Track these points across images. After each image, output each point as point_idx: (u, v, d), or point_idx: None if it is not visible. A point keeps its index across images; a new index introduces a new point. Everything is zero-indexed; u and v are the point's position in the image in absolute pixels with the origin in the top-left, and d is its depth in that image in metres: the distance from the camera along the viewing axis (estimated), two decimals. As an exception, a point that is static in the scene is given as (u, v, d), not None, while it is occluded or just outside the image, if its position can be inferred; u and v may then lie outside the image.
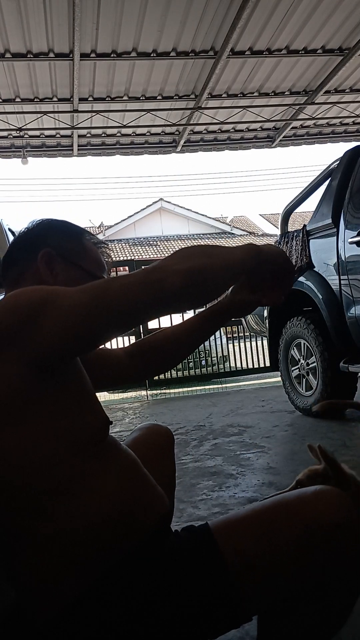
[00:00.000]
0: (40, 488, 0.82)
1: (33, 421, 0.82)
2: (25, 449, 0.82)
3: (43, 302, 0.81)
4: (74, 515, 0.83)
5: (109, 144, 8.29)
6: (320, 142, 9.30)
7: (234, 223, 25.29)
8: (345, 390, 3.59)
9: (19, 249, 1.04)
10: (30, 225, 1.08)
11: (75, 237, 1.07)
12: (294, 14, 5.71)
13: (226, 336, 7.39)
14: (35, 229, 1.07)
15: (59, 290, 0.84)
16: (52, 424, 0.84)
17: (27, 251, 1.02)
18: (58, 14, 5.26)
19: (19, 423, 0.82)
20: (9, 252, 1.05)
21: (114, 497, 0.86)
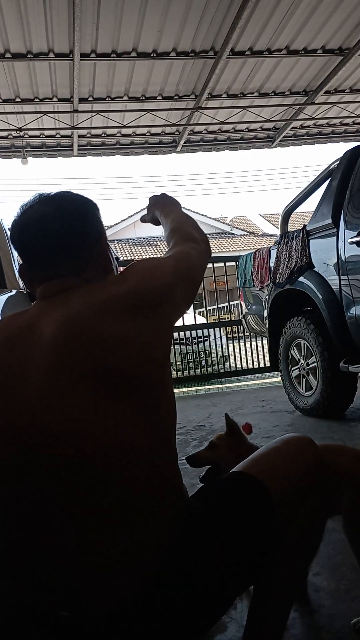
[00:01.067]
0: (164, 458, 0.94)
1: (165, 393, 0.95)
2: (163, 422, 0.95)
3: (173, 263, 1.04)
4: (171, 485, 0.95)
5: (109, 144, 8.30)
6: (320, 142, 9.30)
7: (234, 223, 25.29)
8: (345, 391, 3.59)
9: (75, 235, 1.01)
10: (62, 202, 1.03)
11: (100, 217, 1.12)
12: (294, 14, 5.71)
13: (226, 336, 7.39)
14: (78, 210, 1.04)
15: (174, 259, 1.06)
16: (171, 401, 0.98)
17: (84, 237, 1.03)
18: (58, 14, 5.26)
19: (161, 393, 0.95)
20: (56, 239, 0.99)
21: (180, 474, 1.01)
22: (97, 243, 1.06)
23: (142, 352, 0.90)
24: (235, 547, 0.95)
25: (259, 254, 4.42)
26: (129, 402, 0.88)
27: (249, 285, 4.62)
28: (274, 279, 4.01)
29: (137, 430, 0.88)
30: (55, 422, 0.86)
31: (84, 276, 1.01)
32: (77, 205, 1.04)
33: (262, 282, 4.29)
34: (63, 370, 0.87)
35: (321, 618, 1.36)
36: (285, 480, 1.05)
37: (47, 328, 0.91)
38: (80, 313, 0.91)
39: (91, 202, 1.07)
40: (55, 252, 0.99)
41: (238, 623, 1.40)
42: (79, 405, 0.86)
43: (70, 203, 1.04)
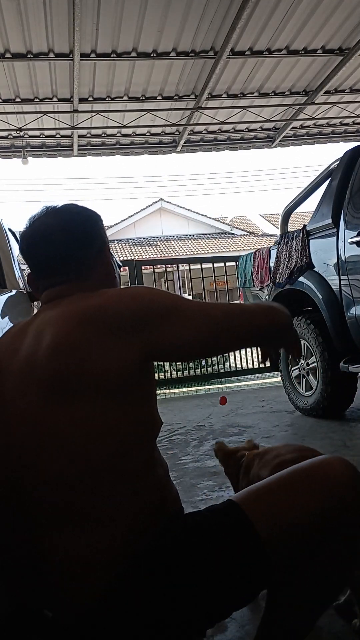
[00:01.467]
0: (129, 465, 0.92)
1: (132, 404, 0.93)
2: (123, 429, 0.91)
3: (176, 305, 0.97)
4: (142, 492, 0.93)
5: (109, 144, 8.30)
6: (320, 142, 9.30)
7: (234, 223, 25.27)
8: (345, 391, 3.60)
9: (78, 247, 1.07)
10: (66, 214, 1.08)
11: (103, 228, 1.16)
12: (294, 14, 5.71)
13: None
14: (83, 223, 1.10)
15: (187, 300, 1.00)
16: (142, 411, 0.95)
17: (86, 247, 1.08)
18: (58, 14, 5.26)
19: (123, 403, 0.91)
20: (69, 249, 1.05)
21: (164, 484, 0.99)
22: (101, 253, 1.11)
23: (91, 362, 0.90)
24: (204, 576, 0.91)
25: (259, 254, 4.42)
26: (82, 405, 0.89)
27: (249, 285, 4.62)
28: (274, 279, 4.01)
29: (93, 436, 0.89)
30: (15, 417, 0.93)
31: (87, 284, 1.05)
32: (81, 217, 1.10)
33: (262, 282, 4.30)
34: (24, 372, 0.94)
35: (321, 618, 1.36)
36: (295, 528, 0.94)
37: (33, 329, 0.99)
38: (55, 317, 0.96)
39: (94, 214, 1.13)
40: (60, 262, 1.05)
41: (238, 623, 1.40)
42: (31, 408, 0.91)
43: (74, 215, 1.09)
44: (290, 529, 0.94)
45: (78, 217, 1.09)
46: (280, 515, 0.94)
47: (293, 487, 0.98)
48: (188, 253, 19.69)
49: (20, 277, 2.43)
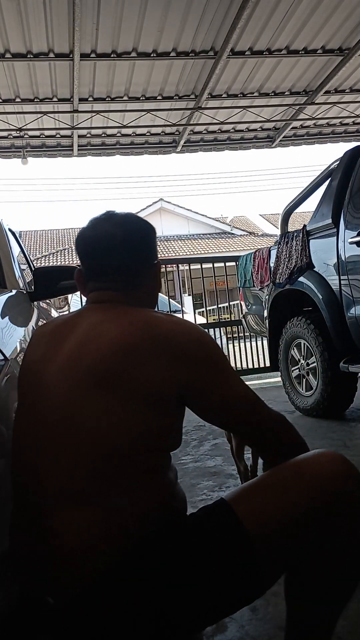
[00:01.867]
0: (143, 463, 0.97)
1: (160, 416, 0.99)
2: (147, 432, 0.97)
3: (222, 358, 1.04)
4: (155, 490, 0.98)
5: (109, 144, 8.30)
6: (320, 142, 9.30)
7: (234, 223, 25.28)
8: (345, 391, 3.59)
9: (137, 259, 1.14)
10: (130, 226, 1.14)
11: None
12: (294, 14, 5.71)
13: (226, 336, 7.39)
14: (143, 236, 1.17)
15: (228, 363, 1.06)
16: (167, 425, 1.01)
17: (145, 262, 1.17)
18: (58, 14, 5.26)
19: (152, 412, 0.98)
20: (127, 260, 1.12)
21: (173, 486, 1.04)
22: (153, 267, 1.19)
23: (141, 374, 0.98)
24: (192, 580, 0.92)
25: (259, 254, 4.42)
26: (116, 402, 0.96)
27: (249, 285, 4.62)
28: (274, 279, 4.01)
29: (120, 430, 0.95)
30: (51, 399, 0.99)
31: (135, 294, 1.14)
32: (142, 232, 1.17)
33: (262, 282, 4.29)
34: (73, 360, 1.01)
35: (321, 618, 1.36)
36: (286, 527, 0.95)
37: (85, 324, 1.06)
38: (117, 323, 1.02)
39: (153, 229, 1.20)
40: (116, 270, 1.12)
41: (238, 623, 1.40)
42: (69, 393, 0.98)
43: (136, 228, 1.16)
44: (281, 526, 0.94)
45: (140, 232, 1.16)
46: (269, 513, 0.95)
47: (283, 483, 0.98)
48: (188, 253, 19.71)
49: (20, 277, 2.43)
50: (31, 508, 0.97)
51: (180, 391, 1.00)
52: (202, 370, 1.01)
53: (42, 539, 0.94)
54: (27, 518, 0.98)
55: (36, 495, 0.96)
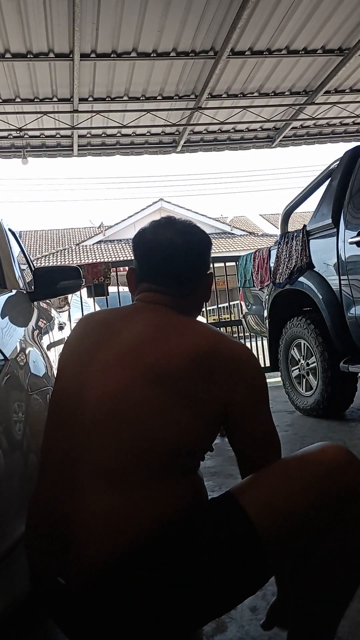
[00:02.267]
0: (184, 463, 1.01)
1: (203, 422, 1.03)
2: (191, 434, 1.01)
3: (267, 390, 1.09)
4: (188, 488, 1.01)
5: (109, 144, 8.30)
6: (320, 142, 9.30)
7: (234, 223, 25.28)
8: (345, 391, 3.60)
9: (194, 269, 1.19)
10: (191, 237, 1.18)
11: None
12: (294, 14, 5.71)
13: (226, 336, 7.38)
14: (201, 248, 1.20)
15: (268, 396, 1.10)
16: (207, 432, 1.06)
17: (200, 272, 1.21)
18: (58, 14, 5.26)
19: (198, 418, 1.01)
20: (185, 269, 1.17)
21: (200, 485, 1.07)
22: (205, 277, 1.22)
23: (197, 383, 1.02)
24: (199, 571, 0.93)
25: (259, 254, 4.42)
26: (173, 403, 0.99)
27: (249, 286, 4.62)
28: (274, 279, 4.01)
29: (170, 427, 0.98)
30: (115, 394, 1.00)
31: (184, 302, 1.17)
32: (202, 244, 1.21)
33: (262, 282, 4.30)
34: (134, 353, 1.04)
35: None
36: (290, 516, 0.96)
37: (136, 326, 1.09)
38: (181, 327, 1.08)
39: (210, 240, 1.23)
40: (172, 277, 1.16)
41: (238, 623, 1.40)
42: (129, 382, 1.00)
43: (197, 240, 1.20)
44: (286, 515, 0.96)
45: (200, 243, 1.20)
46: (274, 503, 0.97)
47: (287, 474, 1.00)
48: (188, 253, 19.64)
49: (20, 277, 2.43)
50: (62, 484, 0.98)
51: (227, 409, 1.04)
52: (252, 397, 1.06)
53: (67, 516, 0.95)
54: (55, 494, 1.00)
55: (72, 473, 0.97)
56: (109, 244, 22.35)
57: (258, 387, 1.07)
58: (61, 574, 0.95)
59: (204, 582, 0.93)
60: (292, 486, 0.98)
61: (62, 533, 0.95)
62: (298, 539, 0.98)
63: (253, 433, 1.07)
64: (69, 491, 0.97)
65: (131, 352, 1.03)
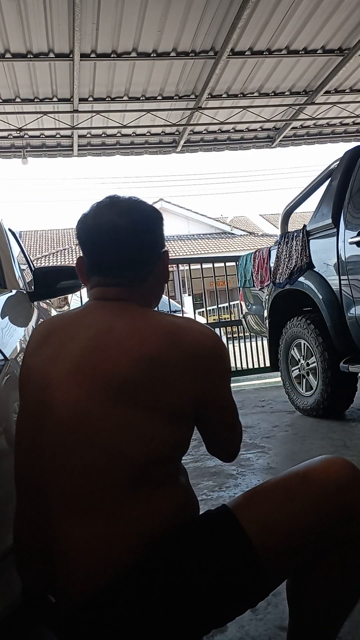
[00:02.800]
0: (160, 473, 0.94)
1: (176, 427, 0.97)
2: (163, 443, 0.94)
3: (230, 369, 1.05)
4: (168, 499, 0.94)
5: (109, 144, 8.30)
6: (320, 142, 9.30)
7: (234, 223, 25.28)
8: (345, 391, 3.59)
9: (145, 249, 1.06)
10: (136, 215, 1.06)
11: None
12: (294, 14, 5.72)
13: (226, 336, 7.39)
14: (150, 225, 1.08)
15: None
16: (182, 435, 0.99)
17: (152, 251, 1.08)
18: (58, 14, 5.27)
19: (171, 424, 0.95)
20: (134, 251, 1.04)
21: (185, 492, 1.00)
22: (160, 257, 1.10)
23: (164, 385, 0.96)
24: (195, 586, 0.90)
25: (259, 254, 4.42)
26: (136, 413, 0.92)
27: (249, 285, 4.62)
28: (274, 279, 4.01)
29: (137, 442, 0.92)
30: (64, 404, 0.93)
31: (141, 289, 1.07)
32: (149, 220, 1.08)
33: (262, 282, 4.29)
34: (89, 365, 0.95)
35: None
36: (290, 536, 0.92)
37: (88, 331, 0.99)
38: (138, 328, 0.97)
39: (160, 215, 1.12)
40: (121, 263, 1.04)
41: (238, 623, 1.40)
42: (87, 400, 0.92)
43: (144, 217, 1.07)
44: (286, 534, 0.92)
45: (147, 220, 1.08)
46: (274, 522, 0.92)
47: (288, 491, 0.95)
48: (188, 253, 19.70)
49: (20, 277, 2.43)
50: (39, 511, 0.94)
51: (200, 403, 0.99)
52: (219, 383, 1.01)
53: (50, 543, 0.92)
54: (33, 520, 0.96)
55: (45, 500, 0.93)
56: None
57: (224, 373, 1.03)
58: (52, 593, 0.94)
59: (199, 601, 0.90)
60: (295, 505, 0.93)
61: (49, 558, 0.92)
62: (298, 558, 0.94)
63: (224, 417, 1.05)
64: (47, 520, 0.93)
65: (86, 363, 0.95)
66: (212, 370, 0.99)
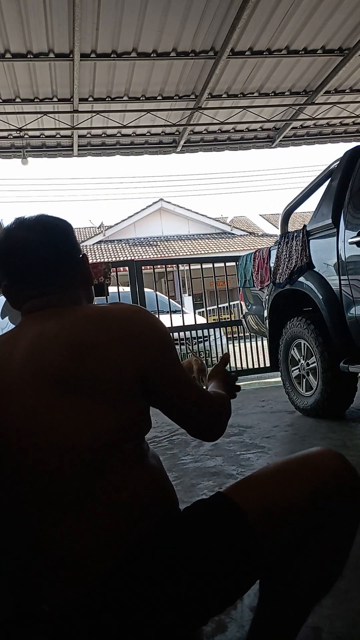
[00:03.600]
0: (120, 456, 0.95)
1: (126, 405, 0.98)
2: (114, 424, 0.96)
3: (171, 339, 1.06)
4: (134, 484, 0.95)
5: (109, 144, 8.30)
6: (320, 142, 9.30)
7: (234, 223, 25.28)
8: (345, 391, 3.59)
9: (59, 259, 1.09)
10: (44, 227, 1.10)
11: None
12: (294, 14, 5.71)
13: (226, 336, 7.39)
14: (59, 233, 1.11)
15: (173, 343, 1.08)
16: (135, 411, 1.00)
17: (67, 259, 1.11)
18: (58, 14, 5.26)
19: (118, 404, 0.97)
20: (50, 261, 1.08)
21: (158, 475, 1.02)
22: (79, 262, 1.14)
23: (99, 368, 0.97)
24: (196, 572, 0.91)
25: (259, 254, 4.42)
26: (80, 401, 0.94)
27: (249, 286, 4.62)
28: (274, 279, 4.01)
29: (87, 429, 0.93)
30: (16, 407, 0.96)
31: (71, 291, 1.10)
32: (59, 229, 1.12)
33: (262, 282, 4.30)
34: (28, 367, 0.97)
35: (321, 618, 1.36)
36: (278, 509, 0.96)
37: (23, 342, 1.01)
38: (69, 321, 1.00)
39: (68, 224, 1.15)
40: (44, 275, 1.07)
41: (238, 623, 1.40)
42: (33, 399, 0.95)
43: (51, 228, 1.11)
44: (281, 515, 0.96)
45: (55, 230, 1.11)
46: (270, 502, 0.96)
47: (283, 474, 1.00)
48: (188, 253, 19.72)
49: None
50: (20, 518, 0.95)
51: (142, 375, 1.00)
52: (158, 352, 1.02)
53: (36, 550, 0.92)
54: (13, 524, 0.96)
55: (23, 506, 0.94)
56: (109, 244, 22.34)
57: (162, 341, 1.03)
58: (44, 602, 0.93)
59: (199, 587, 0.91)
60: (289, 487, 0.98)
61: (36, 565, 0.92)
62: (292, 537, 0.98)
63: (179, 389, 1.06)
64: (28, 525, 0.93)
65: (27, 368, 0.97)
66: (145, 339, 1.00)
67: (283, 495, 0.97)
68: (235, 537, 0.93)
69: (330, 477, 0.98)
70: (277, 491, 0.97)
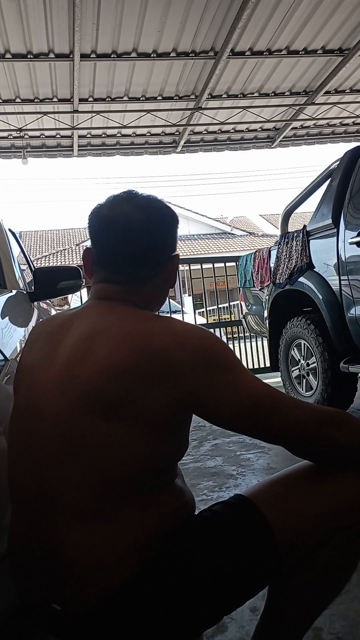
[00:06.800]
0: (153, 483, 0.93)
1: (165, 434, 0.93)
2: (152, 454, 0.91)
3: (226, 358, 0.94)
4: (166, 502, 0.94)
5: (109, 144, 8.31)
6: (320, 142, 9.31)
7: (234, 223, 25.28)
8: (345, 391, 3.59)
9: (154, 248, 1.03)
10: (152, 212, 1.03)
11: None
12: (294, 14, 5.72)
13: (226, 336, 7.39)
14: (164, 224, 1.05)
15: (236, 361, 0.95)
16: (174, 440, 0.96)
17: (162, 252, 1.05)
18: (58, 15, 5.27)
19: (156, 433, 0.91)
20: (143, 248, 1.01)
21: (181, 493, 1.00)
22: (169, 260, 1.07)
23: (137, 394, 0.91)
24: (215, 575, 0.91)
25: (259, 254, 4.42)
26: (107, 420, 0.90)
27: (249, 286, 4.62)
28: (274, 279, 4.01)
29: (121, 456, 0.90)
30: (49, 417, 0.93)
31: (141, 291, 1.03)
32: (165, 219, 1.05)
33: (262, 283, 4.29)
34: (66, 376, 0.93)
35: (321, 618, 1.36)
36: (304, 521, 0.95)
37: (81, 330, 0.97)
38: (111, 335, 0.93)
39: (175, 217, 1.08)
40: (129, 259, 1.01)
41: (238, 623, 1.40)
42: (67, 414, 0.91)
43: (160, 216, 1.04)
44: (303, 525, 0.94)
45: (163, 219, 1.05)
46: (301, 521, 0.94)
47: (309, 485, 0.98)
48: (188, 253, 19.70)
49: (20, 277, 2.43)
50: (39, 521, 0.93)
51: (183, 403, 0.92)
52: (202, 376, 0.90)
53: (50, 552, 0.91)
54: (34, 529, 0.94)
55: (42, 508, 0.92)
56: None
57: (205, 364, 0.91)
58: (56, 601, 0.92)
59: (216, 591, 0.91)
60: (315, 500, 0.96)
61: (52, 566, 0.91)
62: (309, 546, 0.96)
63: (237, 405, 0.91)
64: (47, 529, 0.91)
65: (68, 371, 0.92)
66: (188, 368, 0.90)
67: (307, 506, 0.95)
68: (259, 551, 0.93)
69: (355, 493, 0.96)
70: (303, 501, 0.96)
